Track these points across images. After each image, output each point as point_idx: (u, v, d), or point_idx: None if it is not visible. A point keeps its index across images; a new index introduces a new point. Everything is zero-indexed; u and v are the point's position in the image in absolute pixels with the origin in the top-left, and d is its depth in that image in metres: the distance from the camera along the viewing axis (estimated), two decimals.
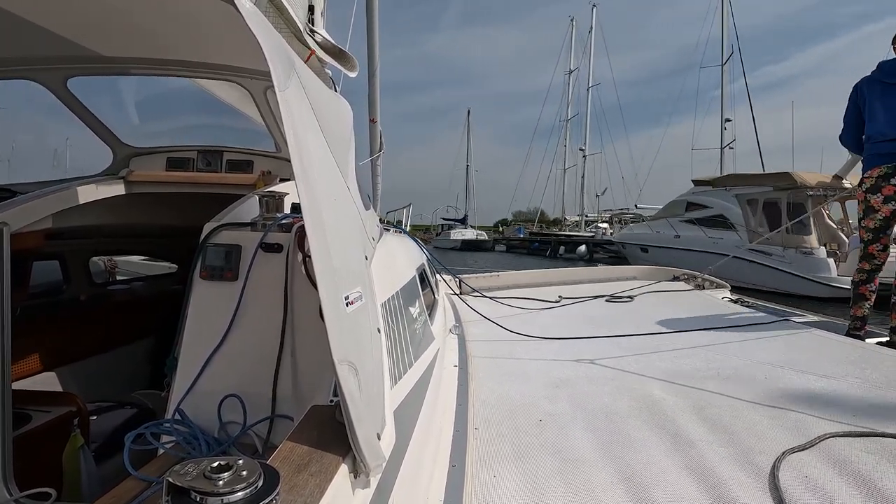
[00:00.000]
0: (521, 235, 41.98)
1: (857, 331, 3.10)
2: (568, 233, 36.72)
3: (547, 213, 51.84)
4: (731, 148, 26.18)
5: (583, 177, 43.33)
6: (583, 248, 27.77)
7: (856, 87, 3.16)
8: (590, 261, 25.81)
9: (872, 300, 3.10)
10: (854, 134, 3.17)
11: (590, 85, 43.02)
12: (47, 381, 1.99)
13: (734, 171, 25.75)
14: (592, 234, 32.48)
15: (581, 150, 43.59)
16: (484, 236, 42.02)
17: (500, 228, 61.25)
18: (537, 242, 34.61)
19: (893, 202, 2.91)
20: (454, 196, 63.12)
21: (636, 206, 27.82)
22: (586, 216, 41.94)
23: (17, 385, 1.70)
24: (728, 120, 26.34)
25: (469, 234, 41.08)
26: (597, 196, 39.73)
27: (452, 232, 41.24)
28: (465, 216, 50.09)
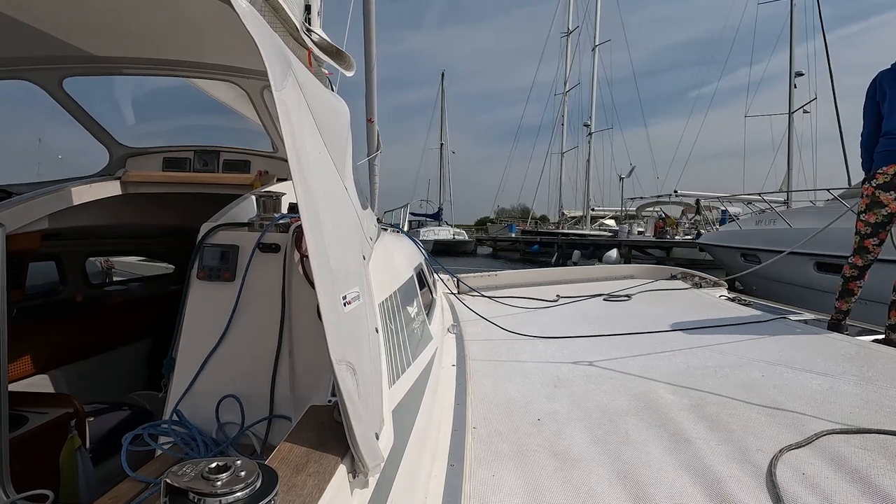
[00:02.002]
0: (513, 235, 33.37)
1: (838, 322, 3.15)
2: (580, 231, 28.31)
3: (534, 210, 40.69)
4: (805, 112, 18.30)
5: (588, 160, 33.48)
6: (614, 253, 19.67)
7: (874, 81, 3.09)
8: None
9: (858, 295, 3.14)
10: (871, 130, 3.11)
11: (596, 43, 32.75)
12: (44, 383, 1.98)
13: (812, 145, 18.62)
14: (611, 234, 25.07)
15: (586, 125, 33.91)
16: (463, 236, 33.74)
17: (486, 226, 47.89)
18: (537, 245, 26.53)
19: None
20: (425, 185, 50.45)
21: (676, 192, 20.24)
22: (593, 209, 32.88)
23: (13, 386, 1.69)
24: (799, 74, 17.93)
25: (444, 233, 32.34)
26: (620, 179, 28.69)
27: (422, 231, 31.97)
28: (440, 210, 39.11)
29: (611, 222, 31.32)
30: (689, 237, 19.55)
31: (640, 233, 24.36)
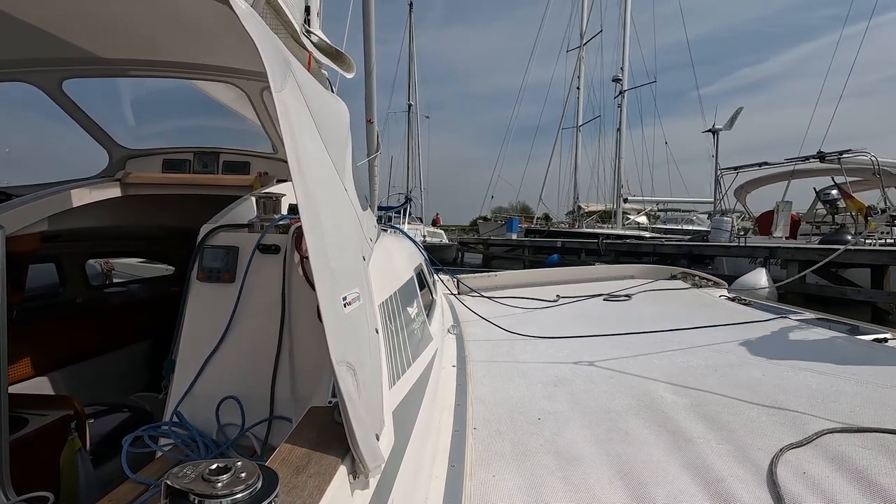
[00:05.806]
0: (515, 235, 23.73)
1: None
2: (620, 232, 19.34)
3: (543, 203, 28.29)
4: None
5: (618, 130, 22.78)
6: (761, 275, 7.35)
7: None
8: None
9: None
10: None
11: None
12: (44, 385, 1.98)
13: None
14: (688, 233, 17.08)
15: (616, 80, 23.04)
16: (441, 237, 24.28)
17: (476, 225, 34.57)
18: (557, 254, 17.00)
19: None
20: (387, 165, 32.99)
21: (821, 153, 10.32)
22: (626, 200, 22.86)
23: (13, 388, 1.69)
24: None
25: (412, 233, 11.46)
26: (714, 134, 17.11)
27: None
28: (408, 200, 24.44)
29: (642, 219, 23.88)
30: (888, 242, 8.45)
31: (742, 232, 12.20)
